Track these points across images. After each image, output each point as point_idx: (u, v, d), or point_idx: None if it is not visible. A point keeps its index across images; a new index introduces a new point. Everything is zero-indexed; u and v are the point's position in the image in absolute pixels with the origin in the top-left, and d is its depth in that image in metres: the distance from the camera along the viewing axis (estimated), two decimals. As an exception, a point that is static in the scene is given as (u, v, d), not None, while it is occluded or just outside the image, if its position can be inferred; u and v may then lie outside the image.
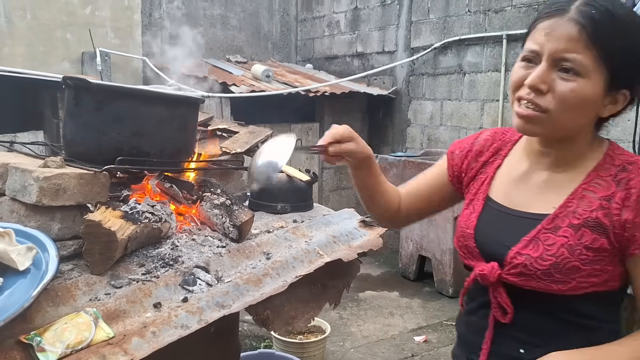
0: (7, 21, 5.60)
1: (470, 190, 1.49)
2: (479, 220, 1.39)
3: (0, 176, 1.84)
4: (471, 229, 1.38)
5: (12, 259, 1.47)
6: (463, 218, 1.43)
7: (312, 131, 6.80)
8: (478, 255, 1.36)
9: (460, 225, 1.43)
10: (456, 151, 1.55)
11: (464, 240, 1.41)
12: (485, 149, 1.49)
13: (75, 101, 1.95)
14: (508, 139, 1.48)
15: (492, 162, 1.47)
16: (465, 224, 1.41)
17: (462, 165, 1.51)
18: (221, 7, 7.41)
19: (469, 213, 1.43)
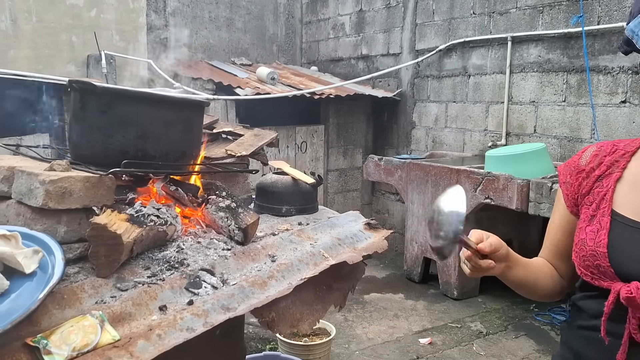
0: (12, 24, 5.62)
1: (585, 204, 1.42)
2: (610, 238, 1.31)
3: (6, 179, 1.84)
4: (603, 247, 1.30)
5: (18, 262, 1.47)
6: (588, 236, 1.35)
7: (317, 134, 6.81)
8: (613, 275, 1.29)
9: (586, 244, 1.35)
10: (567, 179, 1.50)
11: (594, 259, 1.32)
12: (596, 164, 1.44)
13: (81, 104, 1.95)
14: (623, 150, 1.43)
15: (608, 175, 1.41)
16: (594, 242, 1.33)
17: (577, 188, 1.46)
18: (226, 9, 7.42)
19: (594, 230, 1.35)
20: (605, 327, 1.32)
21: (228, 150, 2.52)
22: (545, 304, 5.04)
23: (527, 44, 5.29)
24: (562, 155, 5.10)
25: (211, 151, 2.56)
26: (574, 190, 1.47)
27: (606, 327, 1.31)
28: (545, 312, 4.96)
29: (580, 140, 4.96)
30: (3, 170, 1.85)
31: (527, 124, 5.39)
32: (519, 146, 5.02)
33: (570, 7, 4.92)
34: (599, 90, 4.77)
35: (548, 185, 4.20)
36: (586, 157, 1.47)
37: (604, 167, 1.42)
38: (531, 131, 5.35)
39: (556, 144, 5.15)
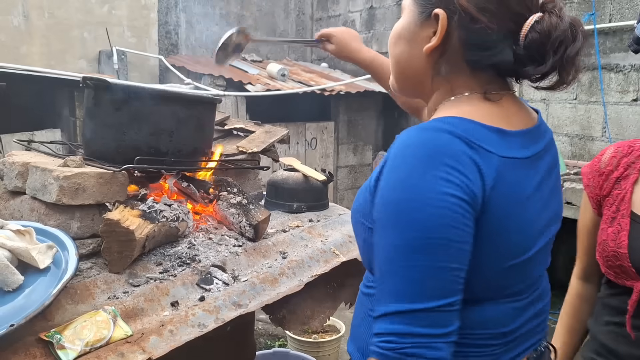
0: (25, 20, 5.65)
1: (606, 206, 1.47)
2: (630, 239, 1.37)
3: (20, 175, 1.86)
4: (624, 248, 1.37)
5: (32, 257, 1.48)
6: (610, 237, 1.42)
7: (327, 130, 6.80)
8: (635, 275, 1.35)
9: (608, 245, 1.42)
10: (590, 182, 1.56)
11: (616, 260, 1.39)
12: (614, 166, 1.48)
13: (95, 101, 1.96)
14: (638, 152, 1.47)
15: (626, 177, 1.45)
16: (615, 243, 1.39)
17: (599, 190, 1.52)
18: (237, 6, 7.43)
19: (615, 232, 1.41)
20: (630, 323, 1.40)
21: (239, 146, 2.53)
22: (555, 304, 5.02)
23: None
24: (573, 154, 5.08)
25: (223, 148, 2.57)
26: (596, 192, 1.52)
27: (631, 323, 1.38)
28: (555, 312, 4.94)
29: (591, 139, 4.93)
30: (17, 166, 1.86)
31: (538, 122, 5.37)
32: (530, 144, 4.99)
33: (581, 5, 4.89)
34: (610, 88, 4.75)
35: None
36: (605, 159, 1.51)
37: (621, 169, 1.46)
38: (542, 129, 5.33)
39: (567, 142, 5.13)
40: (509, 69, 1.10)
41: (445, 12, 1.07)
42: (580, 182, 4.15)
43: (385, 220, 0.99)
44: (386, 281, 0.99)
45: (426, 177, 0.95)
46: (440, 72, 1.13)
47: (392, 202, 0.98)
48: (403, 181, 0.97)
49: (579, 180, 4.20)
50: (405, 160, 0.98)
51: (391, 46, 1.20)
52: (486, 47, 1.07)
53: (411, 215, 0.95)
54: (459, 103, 1.11)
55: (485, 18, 1.04)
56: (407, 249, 0.96)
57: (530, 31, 1.05)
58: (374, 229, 1.03)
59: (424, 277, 0.95)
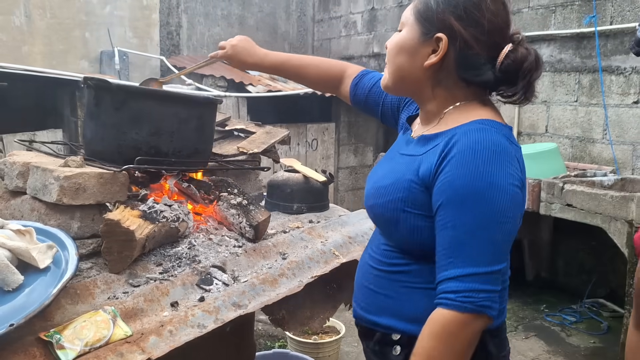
0: (27, 20, 5.66)
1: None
2: None
3: (21, 175, 1.86)
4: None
5: (32, 257, 1.49)
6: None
7: (328, 131, 6.81)
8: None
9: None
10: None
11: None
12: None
13: (96, 101, 1.97)
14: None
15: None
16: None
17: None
18: (239, 7, 7.43)
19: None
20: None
21: (240, 147, 2.53)
22: (555, 306, 5.03)
23: (539, 43, 5.26)
24: (573, 155, 5.08)
25: (223, 148, 2.57)
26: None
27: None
28: (555, 313, 4.95)
29: (592, 141, 4.94)
30: (18, 165, 1.87)
31: (538, 124, 5.37)
32: (531, 146, 5.00)
33: (582, 7, 4.89)
34: (611, 90, 4.75)
35: (559, 185, 4.19)
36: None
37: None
38: (543, 131, 5.34)
39: (568, 144, 5.13)
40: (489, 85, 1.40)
41: (447, 36, 1.33)
42: (580, 184, 4.15)
43: (464, 203, 1.23)
44: (462, 251, 1.23)
45: (499, 171, 1.24)
46: (441, 83, 1.40)
47: (474, 188, 1.23)
48: (482, 173, 1.23)
49: (580, 182, 4.20)
50: (478, 156, 1.24)
51: (393, 56, 1.44)
52: (474, 67, 1.35)
53: (492, 199, 1.23)
54: (471, 108, 1.39)
55: (478, 46, 1.33)
56: (487, 225, 1.23)
57: (505, 58, 1.33)
58: (440, 212, 1.27)
59: (496, 246, 1.24)
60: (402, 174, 1.37)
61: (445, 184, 1.26)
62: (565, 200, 4.16)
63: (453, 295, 1.22)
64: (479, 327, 1.24)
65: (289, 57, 1.95)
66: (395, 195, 1.36)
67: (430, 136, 1.39)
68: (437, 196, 1.27)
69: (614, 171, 4.66)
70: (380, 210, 1.41)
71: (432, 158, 1.31)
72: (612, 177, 4.28)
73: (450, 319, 1.22)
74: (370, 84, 1.81)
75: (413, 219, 1.34)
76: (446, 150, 1.28)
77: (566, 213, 4.18)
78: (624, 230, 3.73)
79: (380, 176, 1.47)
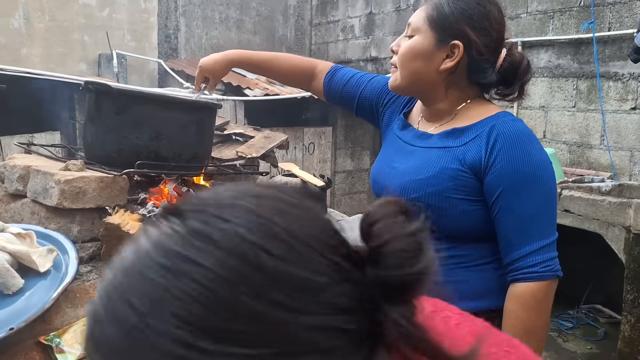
0: (26, 22, 5.66)
1: None
2: None
3: (21, 178, 1.86)
4: None
5: (33, 260, 1.49)
6: None
7: (325, 135, 6.82)
8: None
9: None
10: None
11: None
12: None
13: (96, 105, 1.97)
14: None
15: None
16: None
17: None
18: (236, 10, 7.45)
19: None
20: None
21: (239, 152, 2.53)
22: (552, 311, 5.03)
23: (538, 49, 5.28)
24: (571, 161, 5.09)
25: (222, 153, 2.58)
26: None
27: None
28: (552, 319, 4.95)
29: (589, 147, 4.95)
30: (19, 169, 1.87)
31: (536, 129, 5.39)
32: (528, 151, 5.00)
33: (581, 13, 4.91)
34: (609, 96, 4.77)
35: (557, 191, 4.20)
36: None
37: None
38: (541, 136, 5.35)
39: (566, 149, 5.15)
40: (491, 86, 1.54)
41: (462, 43, 1.45)
42: (578, 190, 4.16)
43: (524, 187, 1.39)
44: (530, 228, 1.40)
45: (540, 153, 1.43)
46: (454, 84, 1.52)
47: (529, 173, 1.39)
48: (531, 158, 1.40)
49: (577, 188, 4.21)
50: (523, 143, 1.41)
51: (407, 61, 1.52)
52: (483, 71, 1.49)
53: (543, 179, 1.40)
54: (484, 104, 1.55)
55: (487, 52, 1.46)
56: (545, 201, 1.41)
57: (503, 61, 1.49)
58: (503, 198, 1.40)
59: (552, 217, 1.45)
60: (445, 164, 1.47)
61: (503, 171, 1.40)
62: (562, 206, 4.16)
63: (535, 267, 1.40)
64: (555, 288, 1.45)
65: (256, 53, 2.01)
66: (444, 184, 1.45)
67: (461, 129, 1.51)
68: (495, 183, 1.41)
69: (612, 177, 4.67)
70: (428, 200, 1.47)
71: (478, 148, 1.44)
72: (609, 183, 4.29)
73: (538, 288, 1.41)
74: (344, 80, 1.89)
75: (463, 205, 1.45)
76: (492, 141, 1.42)
77: (564, 219, 4.19)
78: (622, 236, 3.74)
79: (412, 169, 1.54)
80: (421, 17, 1.52)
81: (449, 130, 1.53)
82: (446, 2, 1.49)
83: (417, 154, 1.57)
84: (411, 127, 1.66)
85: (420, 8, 1.55)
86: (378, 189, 1.69)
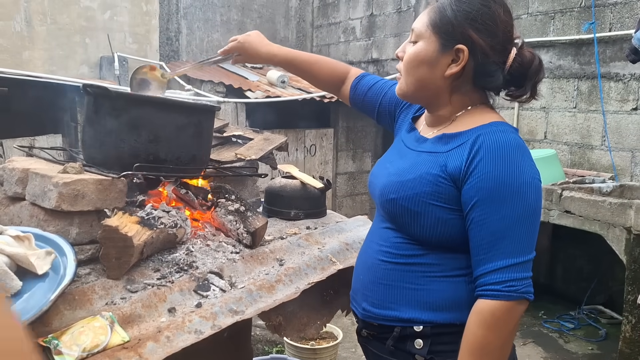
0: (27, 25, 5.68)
1: None
2: None
3: (20, 181, 1.87)
4: None
5: (31, 263, 1.50)
6: None
7: (327, 137, 6.82)
8: None
9: None
10: None
11: None
12: None
13: (95, 108, 1.98)
14: None
15: None
16: None
17: None
18: (238, 12, 7.46)
19: None
20: None
21: (238, 153, 2.54)
22: (554, 312, 5.03)
23: (538, 50, 5.28)
24: (572, 162, 5.09)
25: (221, 155, 2.58)
26: None
27: None
28: (554, 320, 4.95)
29: (591, 147, 4.95)
30: (18, 172, 1.88)
31: (537, 130, 5.39)
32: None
33: (581, 14, 4.92)
34: (610, 97, 4.77)
35: (558, 192, 4.20)
36: None
37: None
38: (541, 137, 5.35)
39: (567, 150, 5.15)
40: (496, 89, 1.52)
41: (467, 47, 1.42)
42: (579, 191, 4.16)
43: (501, 200, 1.34)
44: (502, 244, 1.34)
45: (526, 168, 1.37)
46: (458, 90, 1.50)
47: (509, 186, 1.34)
48: (514, 171, 1.35)
49: (578, 189, 4.21)
50: (507, 156, 1.36)
51: (412, 68, 1.51)
52: (489, 74, 1.45)
53: (525, 195, 1.35)
54: (482, 111, 1.51)
55: (493, 54, 1.43)
56: (523, 218, 1.35)
57: (513, 62, 1.45)
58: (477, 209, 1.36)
59: (530, 236, 1.36)
60: (427, 169, 1.45)
61: (480, 182, 1.36)
62: (563, 207, 4.16)
63: (499, 286, 1.34)
64: (522, 311, 1.36)
65: (299, 53, 2.05)
66: (422, 188, 1.43)
67: (451, 135, 1.48)
68: (470, 194, 1.37)
69: (613, 178, 4.67)
70: (405, 203, 1.46)
71: (460, 156, 1.41)
72: (610, 184, 4.29)
73: (498, 307, 1.33)
74: (368, 86, 1.90)
75: (439, 212, 1.42)
76: (474, 150, 1.38)
77: (565, 220, 4.19)
78: (623, 237, 3.74)
79: (399, 171, 1.53)
80: (424, 23, 1.50)
81: (440, 135, 1.52)
82: (449, 4, 1.46)
83: (409, 156, 1.56)
84: (415, 131, 1.65)
85: (424, 12, 1.52)
86: (371, 188, 1.68)
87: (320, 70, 1.99)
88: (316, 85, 2.14)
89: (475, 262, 1.39)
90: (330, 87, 2.04)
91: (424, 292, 1.48)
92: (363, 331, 1.63)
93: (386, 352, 1.54)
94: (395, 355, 1.52)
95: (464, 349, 1.38)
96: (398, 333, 1.49)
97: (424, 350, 1.46)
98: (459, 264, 1.46)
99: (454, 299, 1.45)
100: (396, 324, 1.50)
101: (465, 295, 1.44)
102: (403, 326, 1.49)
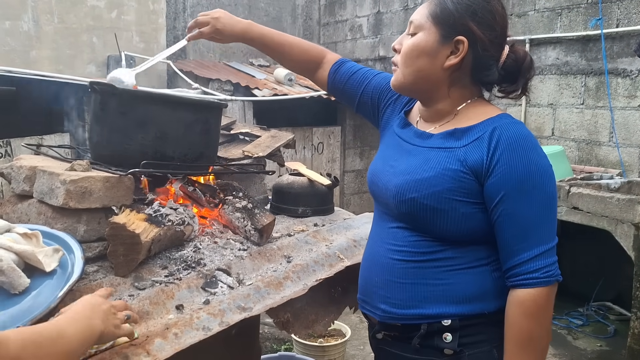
0: (35, 25, 5.70)
1: None
2: None
3: (28, 179, 1.88)
4: None
5: (39, 260, 1.50)
6: None
7: (334, 135, 6.82)
8: None
9: None
10: None
11: None
12: None
13: (102, 106, 1.98)
14: None
15: None
16: None
17: None
18: (245, 11, 7.46)
19: None
20: None
21: (245, 151, 2.54)
22: (562, 309, 5.01)
23: (545, 46, 5.26)
24: (580, 158, 5.07)
25: (228, 152, 2.59)
26: None
27: None
28: (562, 316, 4.94)
29: (598, 144, 4.93)
30: (25, 169, 1.88)
31: (545, 127, 5.37)
32: (537, 149, 4.98)
33: (589, 10, 4.89)
34: (617, 93, 4.74)
35: (566, 188, 4.19)
36: None
37: None
38: (549, 134, 5.33)
39: (574, 146, 5.12)
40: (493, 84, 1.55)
41: (466, 39, 1.44)
42: (587, 187, 4.14)
43: (527, 192, 1.38)
44: (533, 233, 1.39)
45: (544, 158, 1.42)
46: (456, 83, 1.52)
47: (532, 178, 1.39)
48: (533, 163, 1.39)
49: (586, 185, 4.19)
50: (525, 147, 1.40)
51: (412, 59, 1.51)
52: (487, 68, 1.49)
53: (546, 184, 1.40)
54: (483, 104, 1.54)
55: (492, 48, 1.46)
56: (547, 206, 1.40)
57: (507, 58, 1.50)
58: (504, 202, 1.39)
59: (553, 222, 1.42)
60: (445, 165, 1.45)
61: (505, 175, 1.39)
62: (571, 203, 4.15)
63: (536, 273, 1.38)
64: (554, 293, 1.41)
65: (271, 31, 2.01)
66: (444, 185, 1.44)
67: (463, 130, 1.49)
68: (497, 187, 1.40)
69: (621, 174, 4.65)
70: (426, 201, 1.45)
71: (479, 150, 1.43)
72: (618, 180, 4.27)
73: (539, 295, 1.38)
74: (349, 73, 1.88)
75: (462, 207, 1.44)
76: (494, 144, 1.41)
77: (572, 216, 4.17)
78: (631, 233, 3.72)
79: (410, 169, 1.52)
80: (424, 14, 1.50)
81: (450, 130, 1.51)
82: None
83: (416, 153, 1.54)
84: (411, 126, 1.64)
85: (423, 5, 1.54)
86: (375, 188, 1.65)
87: (292, 51, 1.96)
88: (288, 66, 2.12)
89: (508, 253, 1.42)
90: (303, 70, 2.02)
91: (448, 286, 1.48)
92: (381, 334, 1.61)
93: (411, 351, 1.52)
94: (421, 352, 1.50)
95: (511, 342, 1.40)
96: (425, 330, 1.48)
97: (453, 344, 1.46)
98: (479, 254, 1.48)
99: (479, 290, 1.47)
100: (423, 322, 1.49)
101: (490, 284, 1.47)
102: (430, 322, 1.48)
